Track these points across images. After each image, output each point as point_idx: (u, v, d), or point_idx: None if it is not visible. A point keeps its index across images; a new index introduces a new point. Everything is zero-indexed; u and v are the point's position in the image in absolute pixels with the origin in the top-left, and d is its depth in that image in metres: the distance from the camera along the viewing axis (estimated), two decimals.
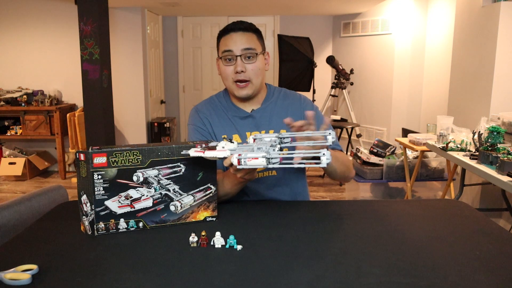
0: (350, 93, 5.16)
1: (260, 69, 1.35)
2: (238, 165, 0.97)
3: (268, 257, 0.94)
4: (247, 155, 0.96)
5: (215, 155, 1.03)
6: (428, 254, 0.95)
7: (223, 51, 1.33)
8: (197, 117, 1.42)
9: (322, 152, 0.92)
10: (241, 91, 1.35)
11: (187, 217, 1.13)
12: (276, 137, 1.10)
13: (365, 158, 3.46)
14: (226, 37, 1.34)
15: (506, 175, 1.95)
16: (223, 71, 1.36)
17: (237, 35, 1.33)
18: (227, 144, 1.05)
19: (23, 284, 0.83)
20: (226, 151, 1.02)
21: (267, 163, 0.95)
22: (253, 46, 1.32)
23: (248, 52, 1.32)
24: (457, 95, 3.37)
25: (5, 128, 4.60)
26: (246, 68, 1.32)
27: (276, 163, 0.96)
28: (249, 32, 1.34)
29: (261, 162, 0.95)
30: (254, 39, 1.35)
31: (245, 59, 1.32)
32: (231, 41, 1.32)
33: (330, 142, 1.09)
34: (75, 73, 4.47)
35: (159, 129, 4.95)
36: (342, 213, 1.22)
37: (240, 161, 0.96)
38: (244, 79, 1.33)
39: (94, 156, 1.03)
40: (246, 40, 1.32)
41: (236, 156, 0.97)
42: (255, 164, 0.95)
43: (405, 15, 4.43)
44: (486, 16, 2.93)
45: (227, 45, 1.32)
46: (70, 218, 1.17)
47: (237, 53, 1.31)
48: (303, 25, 5.43)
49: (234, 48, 1.32)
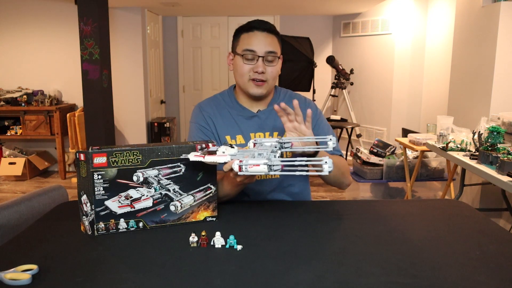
0: (350, 93, 5.16)
1: (277, 72, 1.36)
2: (239, 172, 0.96)
3: (268, 257, 0.94)
4: (249, 161, 0.95)
5: (216, 160, 1.02)
6: (428, 254, 0.95)
7: (245, 49, 1.31)
8: (200, 116, 1.40)
9: (324, 160, 0.92)
10: (257, 89, 1.34)
11: (187, 217, 1.13)
12: (276, 142, 1.10)
13: (365, 158, 3.46)
14: (249, 34, 1.32)
15: (506, 175, 1.95)
16: (239, 68, 1.34)
17: (262, 35, 1.31)
18: (227, 149, 1.04)
19: (23, 284, 0.83)
20: (227, 156, 1.02)
21: (269, 170, 0.94)
22: (275, 50, 1.32)
23: (270, 55, 1.31)
24: (457, 95, 3.37)
25: (5, 128, 4.60)
26: (266, 70, 1.32)
27: (277, 170, 0.95)
28: (272, 34, 1.33)
29: (262, 169, 0.94)
30: (276, 42, 1.34)
31: (266, 61, 1.31)
32: (256, 40, 1.31)
33: (331, 148, 1.09)
34: (75, 73, 4.47)
35: (159, 129, 4.95)
36: (342, 213, 1.22)
37: (241, 167, 0.95)
38: (261, 79, 1.32)
39: (94, 156, 1.03)
40: (270, 42, 1.32)
41: (238, 163, 0.96)
42: (257, 171, 0.94)
43: (405, 15, 4.43)
44: (486, 16, 2.93)
45: (250, 44, 1.31)
46: (70, 218, 1.17)
47: (260, 54, 1.30)
48: (303, 25, 5.43)
49: (257, 48, 1.30)
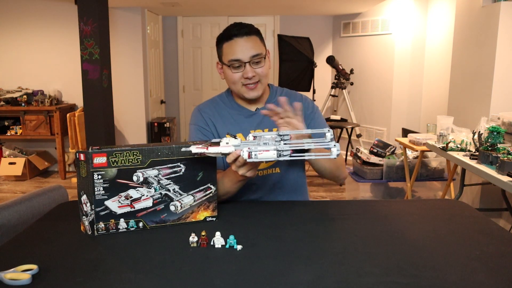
0: (350, 93, 5.16)
1: (267, 70, 1.36)
2: (249, 159, 0.96)
3: (268, 257, 0.94)
4: (258, 148, 0.95)
5: (220, 151, 1.02)
6: (428, 254, 0.95)
7: (231, 59, 1.31)
8: (200, 117, 1.41)
9: (333, 143, 0.93)
10: (252, 93, 1.34)
11: (187, 217, 1.13)
12: (276, 135, 1.10)
13: (365, 158, 3.46)
14: (230, 43, 1.31)
15: (506, 175, 1.95)
16: (230, 77, 1.34)
17: (242, 41, 1.30)
18: (231, 140, 1.04)
19: (23, 284, 0.83)
20: (230, 146, 1.02)
21: (278, 155, 0.94)
22: (259, 51, 1.31)
23: (256, 58, 1.30)
24: (457, 95, 3.37)
25: (5, 128, 4.60)
26: (255, 73, 1.32)
27: (287, 156, 0.95)
28: (252, 35, 1.32)
29: (272, 155, 0.94)
30: (258, 42, 1.33)
31: (254, 64, 1.31)
32: (238, 48, 1.30)
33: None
34: (75, 73, 4.47)
35: (159, 129, 4.95)
36: (342, 213, 1.22)
37: (250, 154, 0.95)
38: (254, 81, 1.33)
39: (94, 156, 1.03)
40: (252, 45, 1.30)
41: (247, 150, 0.96)
42: (266, 157, 0.94)
43: (405, 15, 4.43)
44: (486, 16, 2.93)
45: (234, 53, 1.30)
46: (70, 218, 1.17)
47: (246, 60, 1.30)
48: (303, 25, 5.43)
49: (242, 56, 1.29)
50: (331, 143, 0.93)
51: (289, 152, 0.95)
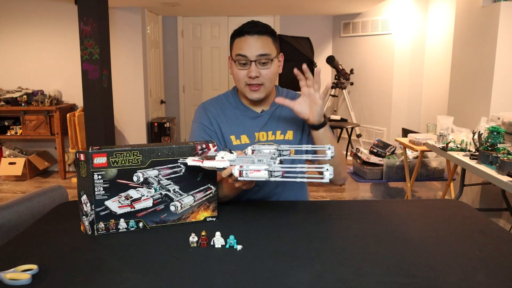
0: (350, 93, 5.16)
1: (274, 74, 1.33)
2: (239, 177, 0.95)
3: (268, 257, 0.94)
4: (249, 167, 0.94)
5: (214, 165, 1.01)
6: (428, 254, 0.95)
7: (237, 54, 1.30)
8: (204, 116, 1.40)
9: (326, 167, 0.91)
10: (253, 94, 1.33)
11: (187, 217, 1.13)
12: (275, 149, 1.09)
13: (365, 158, 3.46)
14: (240, 39, 1.30)
15: (506, 175, 1.95)
16: (235, 74, 1.33)
17: (253, 39, 1.29)
18: (226, 155, 1.03)
19: (23, 284, 0.83)
20: (225, 161, 1.01)
21: (269, 176, 0.93)
22: (268, 52, 1.29)
23: (263, 58, 1.29)
24: (457, 95, 3.37)
25: (5, 128, 4.60)
26: (260, 73, 1.30)
27: (278, 176, 0.94)
28: (264, 35, 1.30)
29: (263, 175, 0.93)
30: (270, 43, 1.31)
31: (260, 64, 1.30)
32: (246, 45, 1.29)
33: (329, 157, 1.08)
34: (75, 73, 4.47)
35: (159, 129, 4.95)
36: (342, 213, 1.22)
37: (241, 172, 0.95)
38: (257, 83, 1.31)
39: (94, 156, 1.03)
40: (261, 45, 1.29)
41: (238, 168, 0.95)
42: (257, 177, 0.94)
43: (405, 15, 4.43)
44: (486, 16, 2.93)
45: (242, 49, 1.29)
46: (70, 218, 1.17)
47: (252, 58, 1.28)
48: (303, 25, 5.43)
49: (248, 53, 1.28)
50: (324, 167, 0.92)
51: (280, 173, 0.95)
